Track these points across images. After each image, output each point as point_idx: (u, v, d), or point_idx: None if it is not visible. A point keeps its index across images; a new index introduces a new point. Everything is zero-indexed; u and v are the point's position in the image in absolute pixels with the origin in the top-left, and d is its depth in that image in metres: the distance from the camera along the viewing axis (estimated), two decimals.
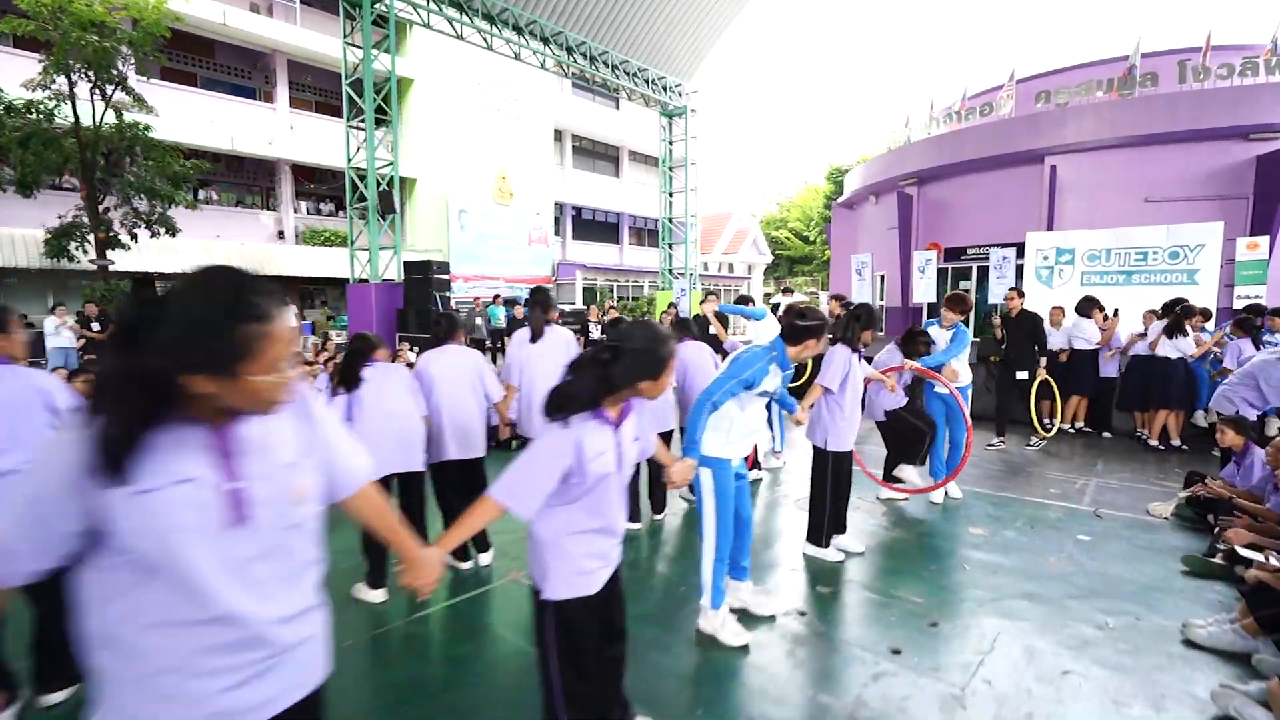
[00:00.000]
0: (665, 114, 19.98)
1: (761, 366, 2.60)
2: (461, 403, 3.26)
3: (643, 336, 1.69)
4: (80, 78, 10.97)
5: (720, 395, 2.53)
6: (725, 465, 2.67)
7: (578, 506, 1.64)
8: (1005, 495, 4.70)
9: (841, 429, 3.42)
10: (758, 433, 2.78)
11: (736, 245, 32.01)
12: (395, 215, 12.77)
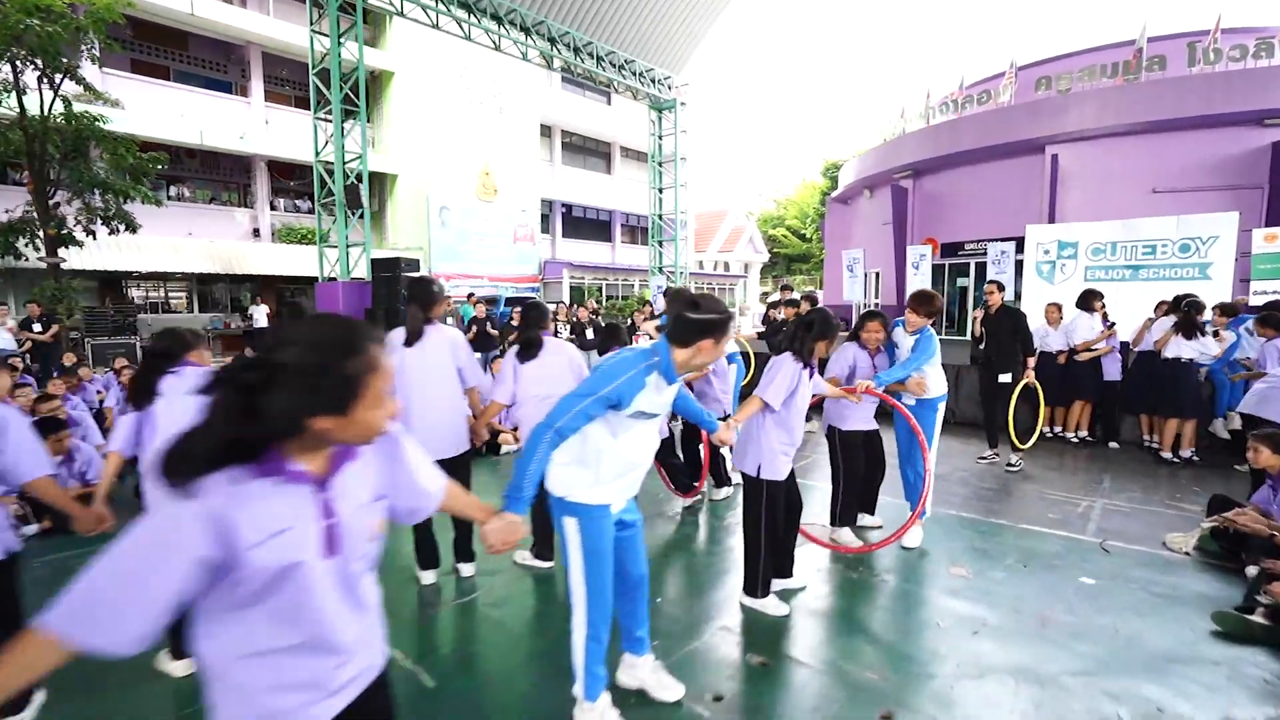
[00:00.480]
0: (654, 107, 19.37)
1: (631, 379, 1.89)
2: None
3: (307, 342, 0.99)
4: (26, 65, 10.40)
5: (568, 420, 1.85)
6: (596, 513, 2.03)
7: (255, 614, 1.02)
8: (995, 521, 4.06)
9: (779, 453, 2.83)
10: (642, 467, 2.09)
11: (732, 243, 31.37)
12: (364, 210, 12.16)
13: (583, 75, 17.23)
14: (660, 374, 1.95)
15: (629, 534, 2.18)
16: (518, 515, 1.66)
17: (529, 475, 1.80)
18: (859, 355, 3.68)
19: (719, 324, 1.93)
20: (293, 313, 2.58)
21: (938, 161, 13.87)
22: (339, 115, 11.88)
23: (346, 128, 12.09)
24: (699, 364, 1.97)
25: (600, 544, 2.03)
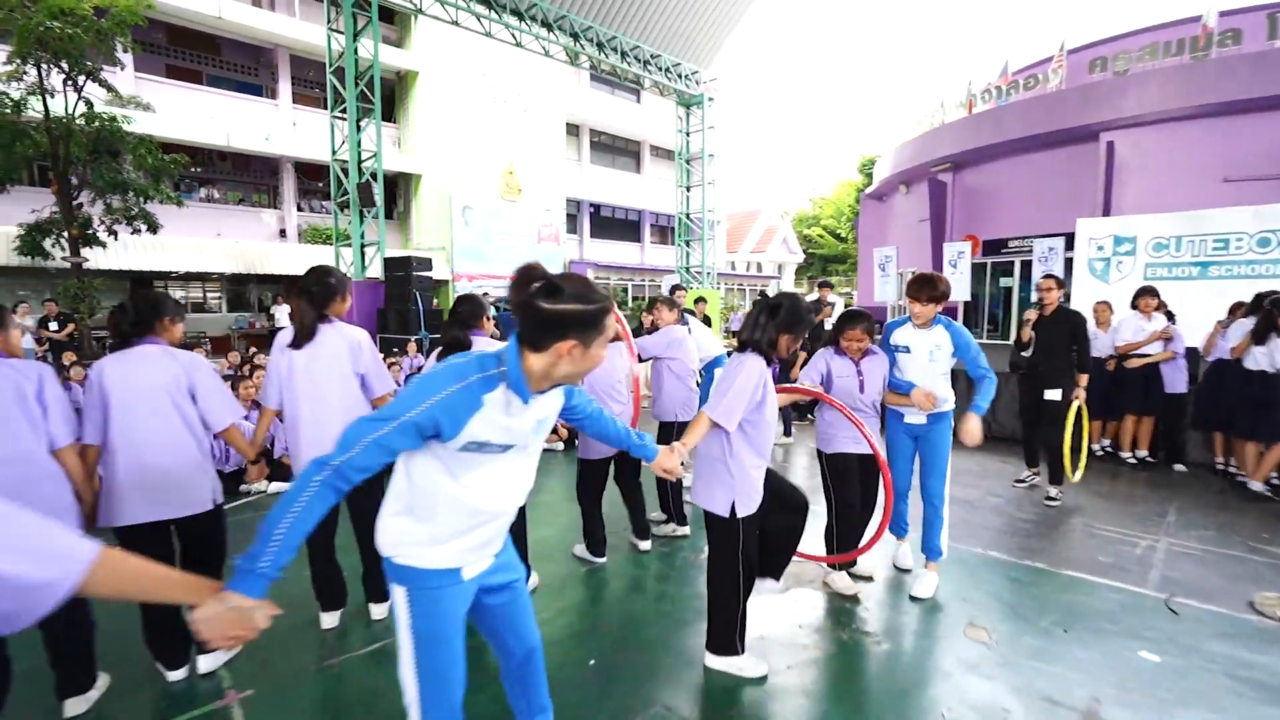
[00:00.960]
0: (682, 103, 18.84)
1: (455, 397, 1.35)
2: (154, 433, 2.28)
3: None
4: (51, 68, 10.50)
5: (356, 456, 1.32)
6: (434, 581, 1.49)
7: None
8: (1031, 564, 3.40)
9: (753, 480, 2.29)
10: (504, 516, 1.56)
11: (765, 243, 30.55)
12: (379, 209, 11.97)
13: (607, 71, 16.83)
14: (510, 389, 1.40)
15: (503, 600, 1.65)
16: (247, 599, 1.17)
17: (278, 537, 1.23)
18: (836, 363, 3.10)
19: (586, 318, 1.36)
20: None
21: (980, 153, 12.92)
22: (354, 113, 11.72)
23: (363, 126, 11.92)
24: (564, 376, 1.43)
25: (436, 626, 1.48)
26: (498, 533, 1.57)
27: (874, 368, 3.13)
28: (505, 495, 1.52)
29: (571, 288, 1.38)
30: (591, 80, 23.61)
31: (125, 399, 2.24)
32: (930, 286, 3.12)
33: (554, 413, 1.60)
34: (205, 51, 16.73)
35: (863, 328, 3.03)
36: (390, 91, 19.18)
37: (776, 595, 3.02)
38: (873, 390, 3.11)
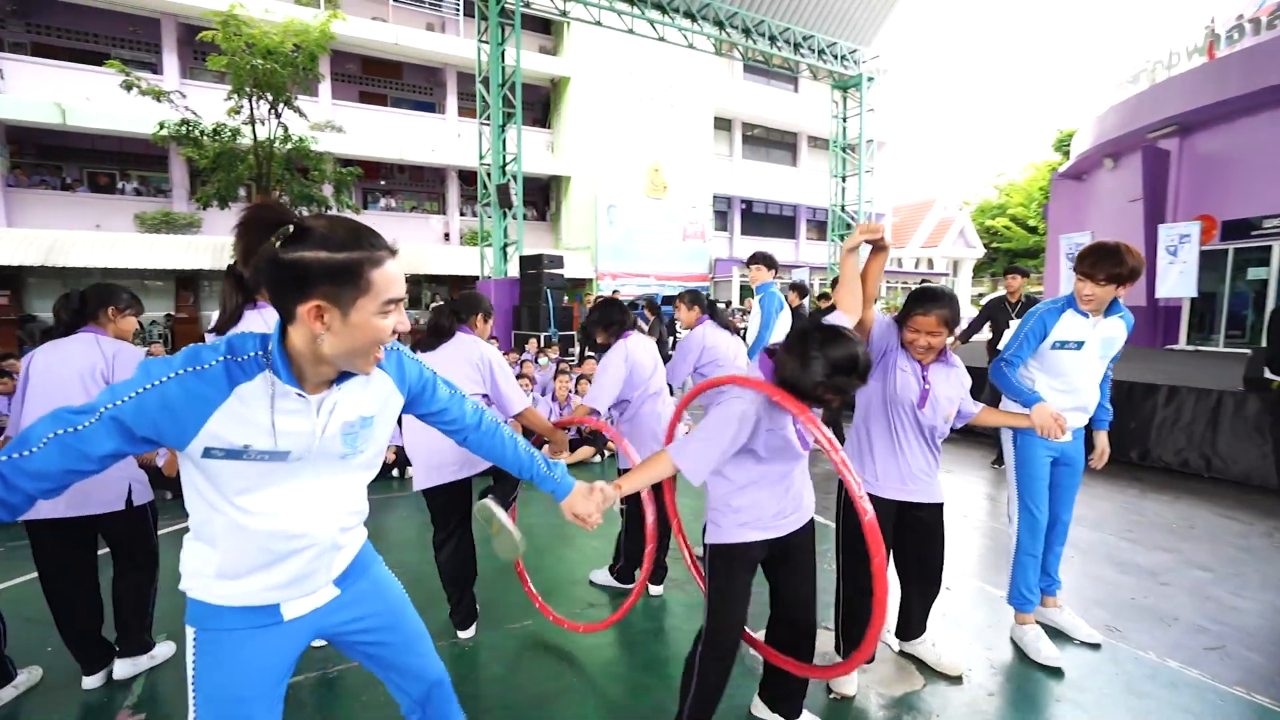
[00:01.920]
0: (838, 86, 17.43)
1: (184, 384, 1.00)
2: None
3: None
4: (259, 100, 12.27)
5: (25, 457, 0.96)
6: (230, 620, 1.15)
7: None
8: None
9: (740, 524, 1.78)
10: (313, 541, 1.17)
11: (938, 238, 27.47)
12: (518, 210, 12.42)
13: (756, 59, 16.03)
14: (277, 377, 1.06)
15: (375, 636, 1.31)
16: None
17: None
18: (905, 365, 2.17)
19: (335, 269, 0.99)
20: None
21: (1221, 109, 10.15)
22: (497, 118, 12.26)
23: (509, 131, 12.42)
24: (337, 356, 1.06)
25: (225, 681, 1.14)
26: (320, 565, 1.20)
27: (946, 382, 2.19)
28: (309, 518, 1.15)
29: (320, 229, 1.01)
30: (745, 72, 22.84)
31: (43, 386, 2.16)
32: (1112, 261, 2.22)
33: (383, 412, 1.22)
34: (390, 76, 18.75)
35: (939, 316, 2.06)
36: (545, 98, 20.10)
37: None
38: (935, 414, 2.16)
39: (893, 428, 2.20)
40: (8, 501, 0.97)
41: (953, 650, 2.57)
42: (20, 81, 13.96)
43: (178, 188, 15.75)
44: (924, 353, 2.13)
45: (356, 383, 1.16)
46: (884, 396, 2.20)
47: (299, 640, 1.22)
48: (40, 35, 15.08)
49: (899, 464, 2.22)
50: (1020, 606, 2.61)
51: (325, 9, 13.15)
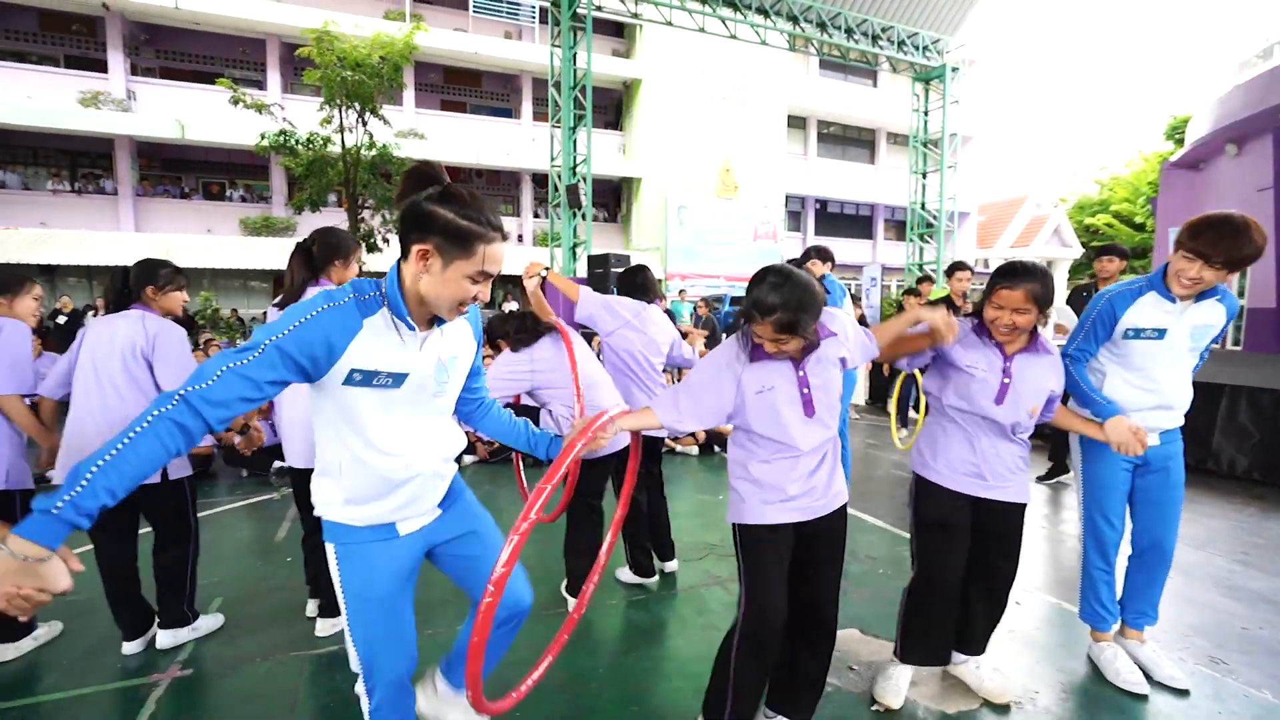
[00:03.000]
0: (919, 78, 16.64)
1: (324, 317, 1.21)
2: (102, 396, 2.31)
3: None
4: (347, 110, 13.02)
5: (206, 387, 1.11)
6: (361, 535, 1.38)
7: None
8: None
9: (757, 502, 1.73)
10: (426, 470, 1.41)
11: (1029, 237, 25.71)
12: (586, 210, 12.58)
13: (831, 53, 15.55)
14: (392, 312, 1.26)
15: (460, 552, 1.54)
16: (33, 545, 0.93)
17: (88, 474, 0.98)
18: (970, 348, 1.97)
19: (456, 230, 1.19)
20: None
21: None
22: (568, 120, 12.46)
23: (579, 133, 12.61)
24: (427, 296, 1.25)
25: (366, 583, 1.38)
26: (425, 491, 1.44)
27: (1034, 373, 1.96)
28: (415, 452, 1.37)
29: (460, 198, 1.22)
30: (820, 68, 22.24)
31: (90, 357, 2.32)
32: (1235, 240, 1.86)
33: (462, 355, 1.45)
34: (470, 84, 19.49)
35: (1028, 290, 1.82)
36: (618, 101, 20.30)
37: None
38: (1017, 409, 1.95)
39: (963, 423, 2.03)
40: (189, 426, 1.10)
41: (1017, 671, 2.34)
42: (149, 102, 15.44)
43: (277, 194, 16.97)
44: (1007, 334, 1.90)
45: (449, 326, 1.38)
46: (947, 395, 2.04)
47: (414, 551, 1.45)
48: (166, 60, 16.63)
49: (975, 455, 2.02)
50: (1095, 624, 2.35)
51: (410, 22, 13.81)
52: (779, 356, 1.66)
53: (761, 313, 1.56)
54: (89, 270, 14.87)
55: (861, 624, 2.69)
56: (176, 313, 2.48)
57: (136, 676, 2.29)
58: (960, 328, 1.99)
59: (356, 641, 1.41)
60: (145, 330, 2.32)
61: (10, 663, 2.37)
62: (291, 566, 3.26)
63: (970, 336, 2.01)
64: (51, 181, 15.64)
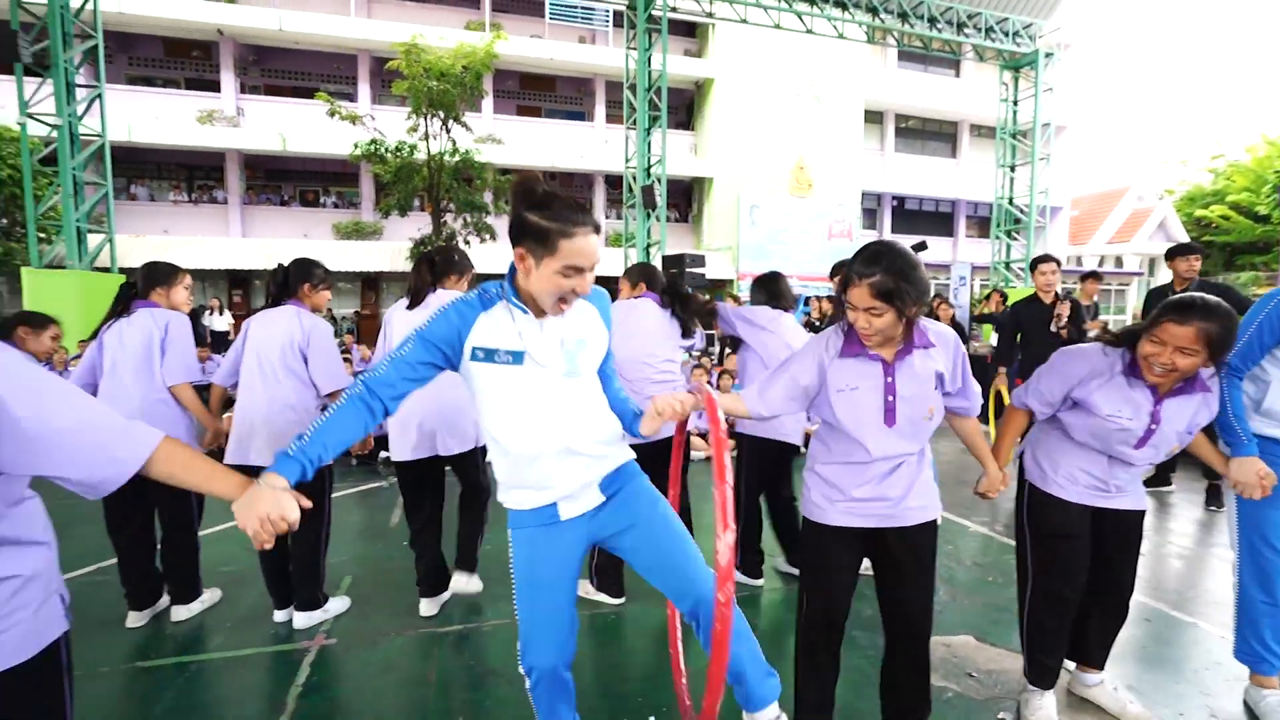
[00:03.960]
0: (1008, 66, 15.84)
1: (456, 308, 1.45)
2: (265, 385, 2.55)
3: None
4: (432, 118, 13.63)
5: (378, 373, 1.41)
6: (526, 519, 1.52)
7: None
8: None
9: (821, 501, 1.74)
10: (557, 441, 1.46)
11: (1130, 231, 23.97)
12: (661, 211, 12.67)
13: (912, 44, 15.03)
14: (510, 303, 1.44)
15: (630, 543, 1.57)
16: (280, 478, 1.20)
17: (310, 432, 1.29)
18: (1115, 388, 1.80)
19: (538, 231, 1.34)
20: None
21: None
22: (643, 122, 12.59)
23: (653, 134, 12.73)
24: (544, 294, 1.39)
25: (530, 568, 1.52)
26: (561, 470, 1.49)
27: (1184, 413, 1.78)
28: (543, 429, 1.45)
29: (544, 200, 1.36)
30: (899, 60, 21.50)
31: (255, 347, 2.55)
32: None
33: (591, 339, 1.54)
34: (545, 90, 19.97)
35: (1201, 329, 1.61)
36: (690, 101, 20.31)
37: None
38: (1157, 452, 1.83)
39: (1092, 449, 1.92)
40: (371, 405, 1.37)
41: (1156, 697, 2.22)
42: (255, 117, 16.66)
43: (365, 200, 17.93)
44: (1162, 375, 1.71)
45: (571, 313, 1.48)
46: (1078, 431, 1.91)
47: (578, 537, 1.54)
48: (270, 78, 17.89)
49: (1102, 470, 1.91)
50: (1254, 665, 2.13)
51: (490, 32, 14.32)
52: (870, 355, 1.60)
53: (859, 274, 1.51)
54: (203, 274, 16.16)
55: (977, 631, 2.63)
56: (322, 309, 2.71)
57: (289, 642, 2.52)
58: (1105, 361, 1.84)
59: (520, 621, 1.52)
60: (301, 325, 2.54)
61: (183, 623, 2.65)
62: (408, 551, 3.48)
63: (1118, 379, 1.80)
64: (172, 193, 17.13)
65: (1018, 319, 4.68)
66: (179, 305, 2.71)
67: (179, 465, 1.09)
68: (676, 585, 1.55)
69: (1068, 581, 1.93)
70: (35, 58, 8.54)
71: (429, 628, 2.64)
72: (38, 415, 0.97)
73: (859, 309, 1.54)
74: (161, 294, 2.66)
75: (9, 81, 7.70)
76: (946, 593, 3.00)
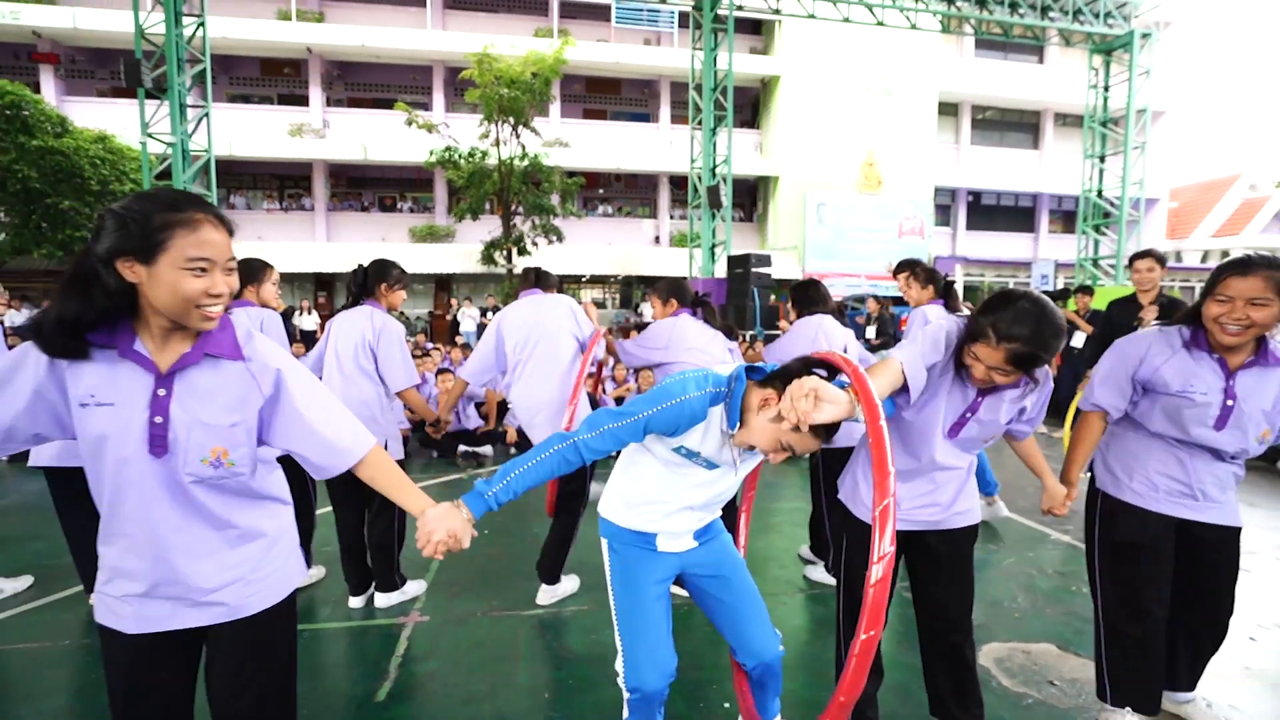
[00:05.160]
0: (1098, 49, 14.91)
1: (688, 404, 1.40)
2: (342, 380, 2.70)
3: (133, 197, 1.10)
4: (502, 125, 14.11)
5: (593, 439, 1.43)
6: (626, 538, 1.63)
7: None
8: None
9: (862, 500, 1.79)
10: (699, 514, 1.62)
11: (1239, 224, 22.07)
12: (726, 211, 12.66)
13: (991, 31, 14.39)
14: (726, 412, 1.44)
15: (713, 593, 1.67)
16: (468, 510, 1.34)
17: (508, 477, 1.38)
18: (1181, 363, 1.73)
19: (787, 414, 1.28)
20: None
21: None
22: (709, 122, 12.60)
23: (718, 134, 12.73)
24: (764, 443, 1.39)
25: (626, 572, 1.63)
26: (678, 521, 1.61)
27: (1265, 390, 1.68)
28: (684, 500, 1.57)
29: (791, 374, 1.38)
30: (977, 48, 20.61)
31: (334, 346, 2.71)
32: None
33: (752, 463, 1.62)
34: (610, 92, 20.26)
35: (1268, 277, 1.54)
36: (754, 99, 20.14)
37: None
38: (1244, 435, 1.70)
39: (1171, 443, 1.82)
40: (573, 460, 1.44)
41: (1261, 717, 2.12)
42: (339, 128, 17.68)
43: (439, 204, 18.72)
44: (1238, 334, 1.62)
45: (752, 458, 1.58)
46: (1153, 420, 1.82)
47: (670, 566, 1.64)
48: (352, 91, 18.95)
49: (1185, 473, 1.80)
50: None
51: (558, 38, 14.67)
52: (965, 383, 1.59)
53: (1000, 338, 1.43)
54: (292, 276, 17.28)
55: (1058, 640, 2.57)
56: (397, 308, 2.87)
57: (388, 617, 2.74)
58: (1163, 339, 1.78)
59: (623, 641, 1.59)
60: (373, 324, 2.68)
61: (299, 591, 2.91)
62: (489, 538, 3.68)
63: (1180, 353, 1.73)
64: (266, 202, 18.42)
65: (1110, 321, 4.40)
66: (269, 301, 2.82)
67: (381, 471, 1.31)
68: (745, 643, 1.64)
69: (1145, 596, 1.82)
70: (154, 83, 9.40)
71: (514, 610, 2.80)
72: (304, 403, 1.20)
73: (982, 363, 1.49)
74: (253, 290, 2.79)
75: (120, 104, 8.54)
76: (1026, 600, 2.93)
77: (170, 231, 1.04)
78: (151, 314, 1.09)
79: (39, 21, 15.08)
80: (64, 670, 2.37)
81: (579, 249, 17.81)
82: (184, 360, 1.10)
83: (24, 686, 2.28)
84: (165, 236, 1.04)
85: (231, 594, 1.18)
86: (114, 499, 1.11)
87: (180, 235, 1.05)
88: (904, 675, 2.24)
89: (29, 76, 15.48)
